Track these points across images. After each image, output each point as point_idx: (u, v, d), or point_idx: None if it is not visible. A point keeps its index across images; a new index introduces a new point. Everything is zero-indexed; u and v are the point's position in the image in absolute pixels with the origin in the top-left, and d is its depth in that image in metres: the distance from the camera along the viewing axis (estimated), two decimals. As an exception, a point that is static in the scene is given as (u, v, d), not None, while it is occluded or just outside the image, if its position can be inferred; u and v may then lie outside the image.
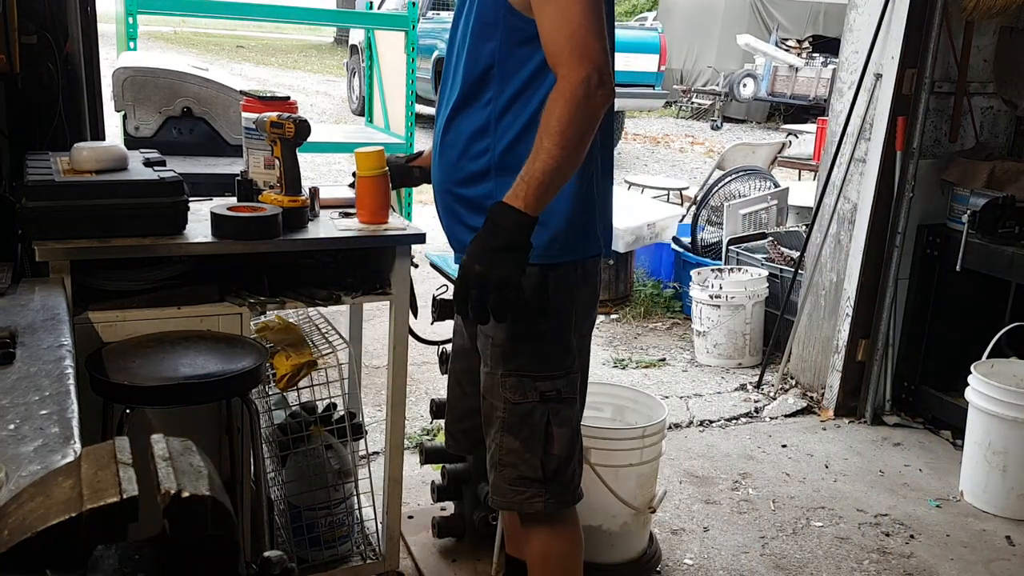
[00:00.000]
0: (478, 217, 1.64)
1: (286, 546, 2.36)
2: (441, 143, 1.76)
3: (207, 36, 20.86)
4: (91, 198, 1.87)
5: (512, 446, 1.76)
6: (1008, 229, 3.29)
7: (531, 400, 1.73)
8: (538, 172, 1.50)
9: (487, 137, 1.68)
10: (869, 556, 2.78)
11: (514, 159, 1.64)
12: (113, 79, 2.66)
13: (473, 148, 1.70)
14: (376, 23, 5.05)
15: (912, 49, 3.42)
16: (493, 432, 1.78)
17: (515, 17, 1.61)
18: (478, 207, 1.69)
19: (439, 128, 1.77)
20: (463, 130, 1.71)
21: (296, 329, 2.35)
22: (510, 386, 1.74)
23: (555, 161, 1.50)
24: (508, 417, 1.75)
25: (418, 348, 2.72)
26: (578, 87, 1.49)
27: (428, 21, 9.92)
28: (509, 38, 1.63)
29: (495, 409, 1.77)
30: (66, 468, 0.64)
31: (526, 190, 1.51)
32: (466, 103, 1.70)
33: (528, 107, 1.65)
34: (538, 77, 1.63)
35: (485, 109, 1.67)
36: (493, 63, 1.65)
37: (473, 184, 1.71)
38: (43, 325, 1.47)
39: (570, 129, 1.50)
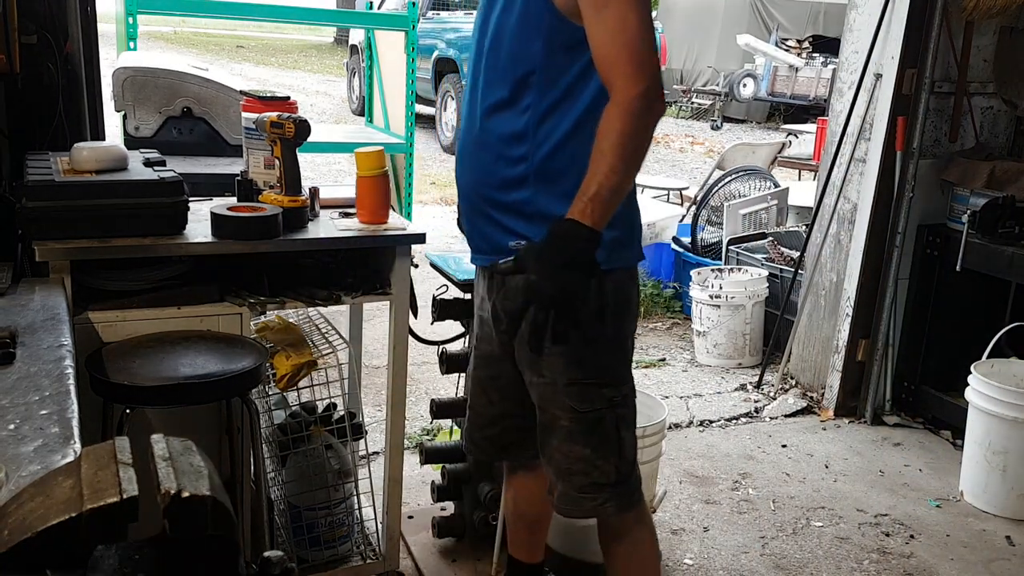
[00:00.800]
0: (516, 220, 1.65)
1: (286, 546, 2.36)
2: (474, 144, 1.71)
3: (207, 36, 20.85)
4: (91, 198, 1.87)
5: (581, 454, 1.73)
6: (1008, 229, 3.29)
7: (599, 408, 1.71)
8: (603, 187, 1.48)
9: (525, 143, 1.64)
10: (869, 556, 2.78)
11: (554, 167, 1.63)
12: (113, 79, 2.65)
13: (510, 153, 1.65)
14: (376, 23, 5.05)
15: (912, 49, 3.42)
16: (556, 442, 1.75)
17: (560, 22, 1.57)
18: (516, 211, 1.67)
19: (472, 128, 1.72)
20: (499, 133, 1.66)
21: (296, 329, 2.35)
22: (576, 395, 1.70)
23: (617, 176, 1.49)
24: (575, 426, 1.72)
25: (418, 348, 2.72)
26: (637, 100, 1.47)
27: (428, 21, 9.92)
28: (552, 42, 1.59)
29: (557, 419, 1.73)
30: (66, 468, 0.64)
31: (592, 206, 1.48)
32: (504, 106, 1.65)
33: (570, 114, 1.62)
34: (580, 84, 1.60)
35: (524, 114, 1.63)
36: (535, 67, 1.61)
37: (510, 189, 1.67)
38: (43, 325, 1.47)
39: (631, 143, 1.49)
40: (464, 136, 1.75)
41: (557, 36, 1.57)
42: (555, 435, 1.75)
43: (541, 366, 1.72)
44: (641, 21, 1.49)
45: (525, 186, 1.66)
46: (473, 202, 1.74)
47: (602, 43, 1.51)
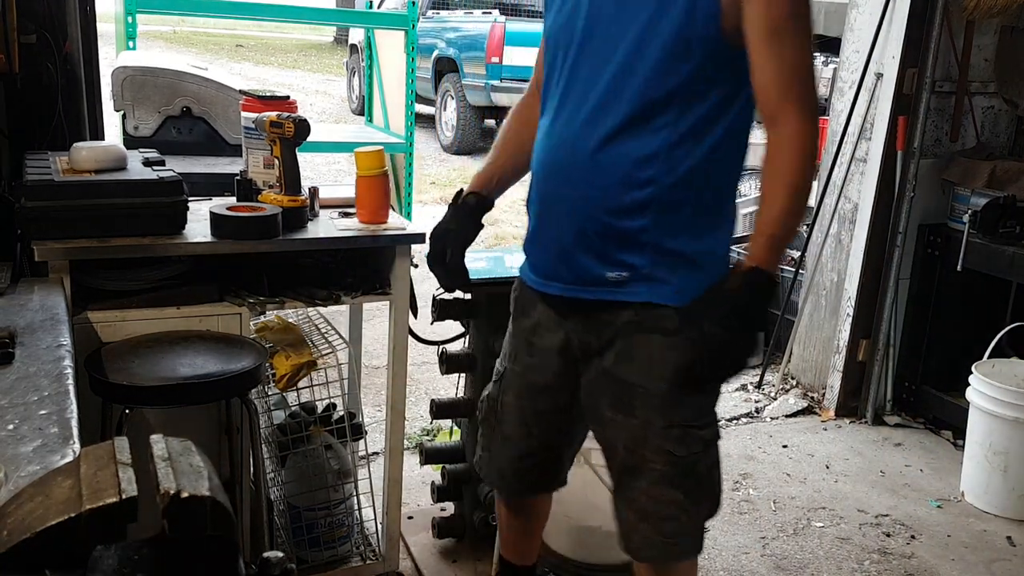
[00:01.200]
0: (624, 250, 1.52)
1: (286, 546, 2.36)
2: (582, 165, 1.52)
3: (206, 35, 20.85)
4: (90, 198, 1.87)
5: (674, 498, 1.61)
6: (1009, 229, 3.29)
7: (696, 451, 1.60)
8: (782, 231, 1.44)
9: (654, 166, 1.49)
10: (870, 556, 2.78)
11: (677, 196, 1.50)
12: (112, 78, 2.65)
13: (637, 176, 1.49)
14: (376, 22, 5.05)
15: (913, 48, 3.42)
16: (644, 484, 1.61)
17: (721, 46, 1.45)
18: (628, 240, 1.52)
19: (573, 147, 1.53)
20: (628, 154, 1.49)
21: (296, 329, 2.35)
22: (675, 438, 1.57)
23: (794, 218, 1.46)
24: (669, 470, 1.59)
25: (418, 348, 2.72)
26: (810, 139, 1.44)
27: (428, 20, 9.91)
28: (704, 66, 1.46)
29: (649, 461, 1.59)
30: (65, 468, 0.64)
31: (773, 253, 1.45)
32: (635, 123, 1.48)
33: (707, 140, 1.50)
34: (717, 113, 1.50)
35: (657, 135, 1.48)
36: (678, 89, 1.46)
37: (628, 216, 1.51)
38: (42, 325, 1.47)
39: (806, 183, 1.46)
40: (553, 155, 1.57)
41: (712, 60, 1.46)
42: (643, 478, 1.61)
43: (634, 405, 1.58)
44: (811, 55, 1.45)
45: (646, 213, 1.51)
46: (578, 225, 1.54)
47: (775, 74, 1.43)
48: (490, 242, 5.99)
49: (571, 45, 1.54)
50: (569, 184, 1.55)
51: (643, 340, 1.55)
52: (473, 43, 9.17)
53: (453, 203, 1.80)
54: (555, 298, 1.64)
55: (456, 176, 8.39)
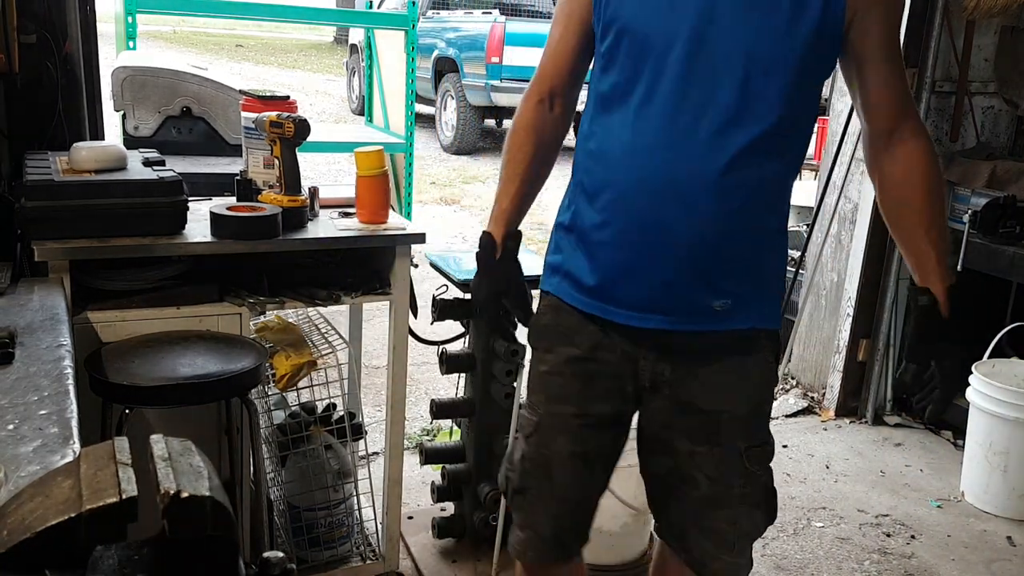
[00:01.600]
0: (735, 279, 1.43)
1: (285, 547, 2.36)
2: (717, 185, 1.36)
3: (206, 35, 20.86)
4: (90, 198, 1.87)
5: (756, 519, 1.59)
6: (1009, 229, 3.29)
7: (768, 466, 1.58)
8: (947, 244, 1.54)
9: (776, 188, 1.43)
10: (870, 556, 2.77)
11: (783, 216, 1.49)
12: (112, 78, 2.65)
13: (773, 202, 1.44)
14: (376, 22, 5.05)
15: (913, 48, 3.42)
16: (725, 512, 1.56)
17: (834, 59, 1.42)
18: (739, 268, 1.44)
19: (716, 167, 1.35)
20: (758, 177, 1.38)
21: (296, 329, 2.35)
22: (755, 458, 1.55)
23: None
24: (751, 491, 1.56)
25: (418, 348, 2.71)
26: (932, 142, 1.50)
27: (428, 20, 9.92)
28: (820, 82, 1.44)
29: (731, 488, 1.54)
30: (65, 468, 0.64)
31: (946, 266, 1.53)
32: (766, 142, 1.37)
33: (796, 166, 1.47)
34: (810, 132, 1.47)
35: (785, 157, 1.41)
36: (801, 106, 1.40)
37: (743, 241, 1.42)
38: (42, 325, 1.47)
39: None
40: (663, 175, 1.37)
41: (824, 76, 1.43)
42: (726, 505, 1.55)
43: (719, 433, 1.51)
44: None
45: (777, 238, 1.48)
46: (680, 256, 1.40)
47: (903, 87, 1.46)
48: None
49: (673, 45, 1.34)
50: (687, 208, 1.37)
51: (731, 365, 1.50)
52: (473, 43, 9.17)
53: (486, 253, 1.58)
54: (641, 331, 1.47)
55: (456, 176, 8.39)
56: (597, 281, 1.46)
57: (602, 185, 1.43)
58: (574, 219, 1.49)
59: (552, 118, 1.56)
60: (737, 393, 1.51)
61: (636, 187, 1.39)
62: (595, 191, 1.44)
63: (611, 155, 1.42)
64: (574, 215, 1.50)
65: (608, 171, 1.42)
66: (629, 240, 1.41)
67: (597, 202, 1.43)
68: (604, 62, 1.43)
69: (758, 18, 1.33)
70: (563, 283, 1.52)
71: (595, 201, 1.44)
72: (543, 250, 1.68)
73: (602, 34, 1.42)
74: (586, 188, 1.46)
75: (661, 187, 1.37)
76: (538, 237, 6.09)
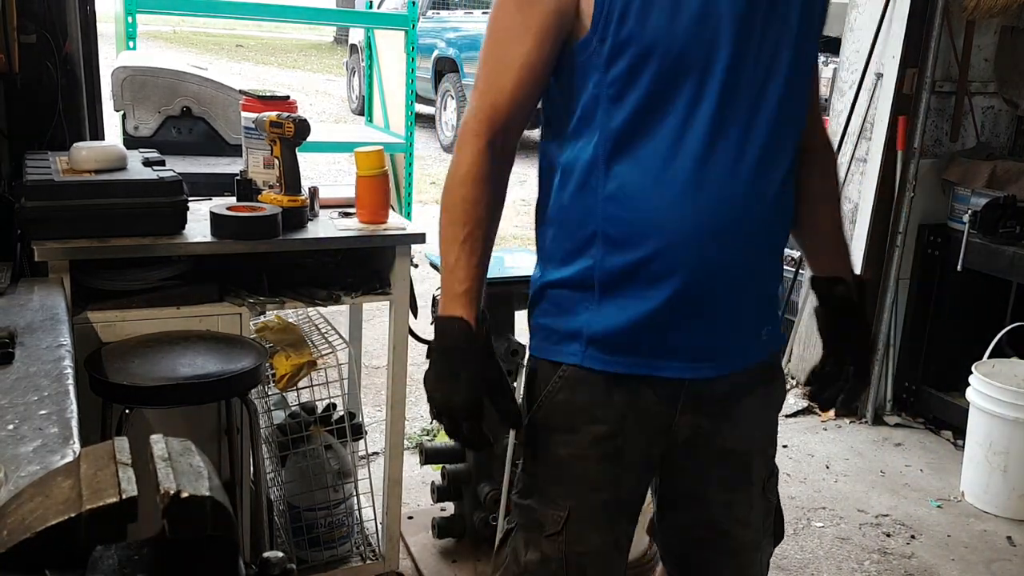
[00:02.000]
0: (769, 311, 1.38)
1: (285, 547, 2.36)
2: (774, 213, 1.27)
3: (206, 35, 20.86)
4: (90, 198, 1.87)
5: (770, 548, 1.50)
6: (1009, 229, 3.29)
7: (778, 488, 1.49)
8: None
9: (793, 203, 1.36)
10: (870, 556, 2.77)
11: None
12: (112, 78, 2.65)
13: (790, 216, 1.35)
14: (376, 22, 5.05)
15: (913, 48, 3.42)
16: (756, 555, 1.46)
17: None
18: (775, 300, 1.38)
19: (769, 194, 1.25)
20: (791, 196, 1.32)
21: (296, 329, 2.35)
22: (773, 487, 1.46)
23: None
24: (769, 520, 1.47)
25: (418, 348, 2.70)
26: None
27: (428, 20, 9.92)
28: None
29: (760, 528, 1.44)
30: (65, 468, 0.64)
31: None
32: (796, 160, 1.31)
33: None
34: None
35: (792, 175, 1.32)
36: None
37: (780, 273, 1.38)
38: (42, 325, 1.47)
39: None
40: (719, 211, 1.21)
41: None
42: (757, 547, 1.45)
43: (751, 473, 1.41)
44: None
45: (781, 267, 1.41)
46: (745, 294, 1.29)
47: (816, 97, 1.42)
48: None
49: (713, 64, 1.18)
50: (746, 242, 1.24)
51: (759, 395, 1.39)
52: (473, 43, 9.17)
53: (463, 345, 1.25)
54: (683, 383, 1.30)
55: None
56: (636, 336, 1.26)
57: (639, 230, 1.22)
58: (593, 273, 1.26)
59: (503, 164, 1.29)
60: (764, 424, 1.42)
61: (688, 226, 1.20)
62: (627, 238, 1.23)
63: (646, 195, 1.21)
64: (591, 269, 1.26)
65: (645, 213, 1.21)
66: (682, 284, 1.23)
67: (633, 249, 1.22)
68: (616, 89, 1.20)
69: (776, 31, 1.22)
70: (587, 348, 1.29)
71: (629, 248, 1.23)
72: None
73: (610, 56, 1.18)
74: (612, 236, 1.24)
75: (717, 223, 1.21)
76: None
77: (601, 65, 1.20)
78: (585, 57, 1.21)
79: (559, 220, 1.30)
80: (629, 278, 1.24)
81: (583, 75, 1.22)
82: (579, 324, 1.29)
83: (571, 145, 1.26)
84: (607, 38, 1.18)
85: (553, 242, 1.32)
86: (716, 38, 1.17)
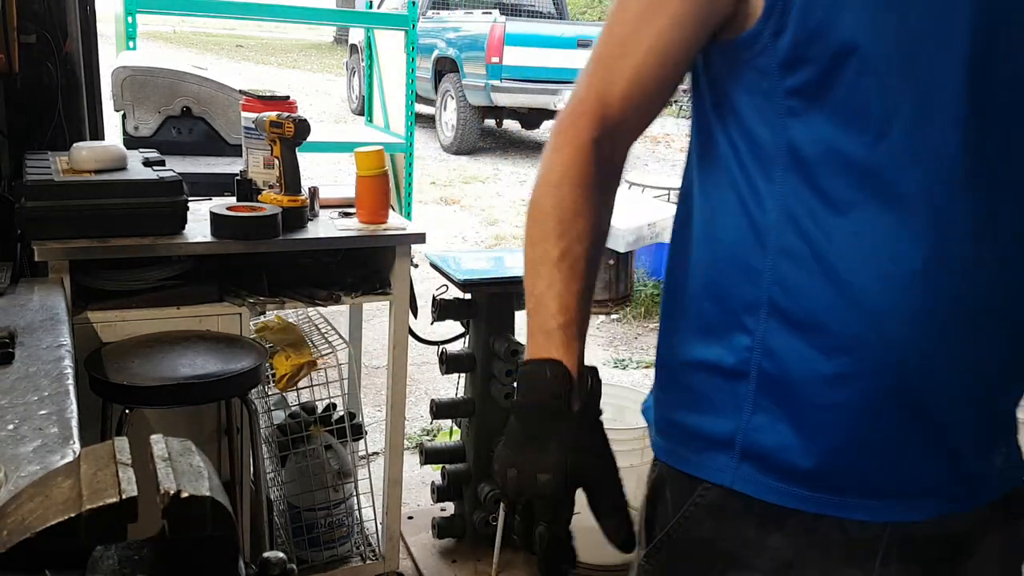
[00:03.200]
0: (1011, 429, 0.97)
1: (285, 547, 2.36)
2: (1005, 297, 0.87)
3: (206, 35, 20.87)
4: (90, 198, 1.87)
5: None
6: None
7: None
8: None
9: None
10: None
11: None
12: (112, 78, 2.65)
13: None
14: (376, 22, 5.05)
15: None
16: None
17: None
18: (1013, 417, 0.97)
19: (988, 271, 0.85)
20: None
21: (296, 329, 2.35)
22: None
23: None
24: None
25: (418, 348, 2.72)
26: None
27: (428, 20, 9.92)
28: None
29: None
30: (65, 468, 0.64)
31: None
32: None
33: None
34: None
35: None
36: None
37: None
38: (42, 325, 1.47)
39: None
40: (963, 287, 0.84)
41: None
42: None
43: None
44: None
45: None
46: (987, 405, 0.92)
47: None
48: (490, 242, 5.99)
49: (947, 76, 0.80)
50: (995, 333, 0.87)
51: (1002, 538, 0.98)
52: (473, 43, 9.18)
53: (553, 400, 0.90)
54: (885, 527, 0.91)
55: (456, 176, 8.39)
56: (817, 457, 0.89)
57: (827, 304, 0.86)
58: (751, 356, 0.91)
59: (609, 176, 0.96)
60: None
61: (921, 315, 0.84)
62: (809, 314, 0.87)
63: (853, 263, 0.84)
64: (749, 351, 0.91)
65: (849, 289, 0.84)
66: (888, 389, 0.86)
67: (816, 332, 0.87)
68: (802, 101, 0.84)
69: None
70: (741, 465, 0.92)
71: (811, 330, 0.87)
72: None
73: (793, 52, 0.83)
74: (785, 309, 0.88)
75: (953, 304, 0.84)
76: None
77: (774, 69, 0.85)
78: (751, 56, 0.86)
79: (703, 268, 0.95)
80: (808, 372, 0.87)
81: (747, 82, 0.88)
82: (730, 428, 0.93)
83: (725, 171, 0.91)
84: (785, 28, 0.83)
85: (694, 300, 0.96)
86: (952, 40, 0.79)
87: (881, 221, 0.83)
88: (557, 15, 10.87)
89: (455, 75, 9.53)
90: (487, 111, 9.49)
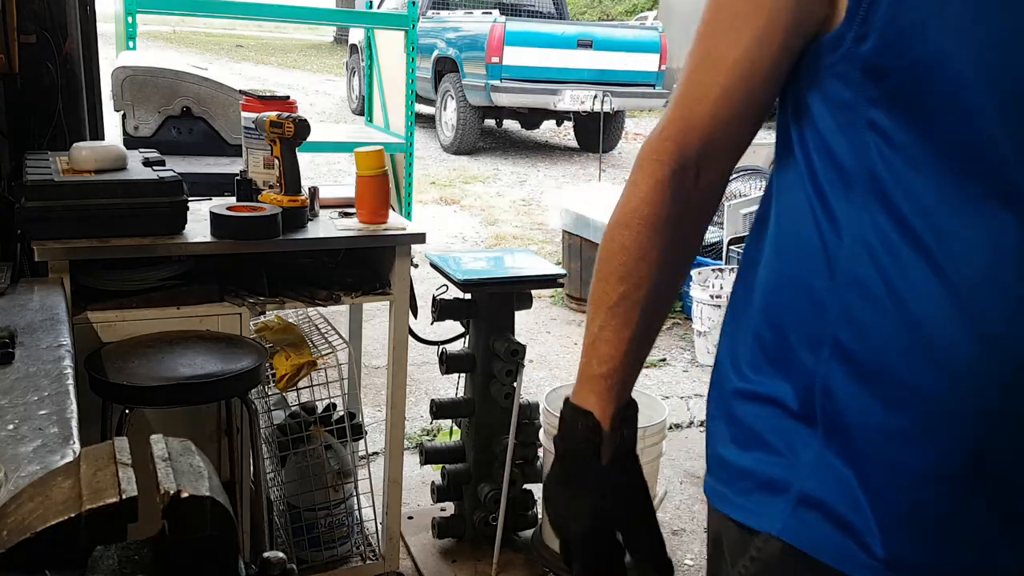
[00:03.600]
0: None
1: (285, 547, 2.36)
2: None
3: (206, 35, 20.88)
4: (90, 198, 1.87)
5: None
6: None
7: None
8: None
9: None
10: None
11: None
12: (112, 78, 2.65)
13: None
14: (376, 22, 5.05)
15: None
16: None
17: None
18: None
19: None
20: None
21: (296, 329, 2.35)
22: None
23: None
24: None
25: (418, 348, 2.72)
26: None
27: (428, 20, 9.92)
28: None
29: None
30: (65, 468, 0.64)
31: None
32: None
33: None
34: None
35: None
36: None
37: None
38: (42, 325, 1.47)
39: None
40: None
41: None
42: None
43: None
44: None
45: None
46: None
47: None
48: (490, 242, 5.99)
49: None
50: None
51: None
52: (473, 43, 9.18)
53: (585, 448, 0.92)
54: None
55: (456, 176, 8.39)
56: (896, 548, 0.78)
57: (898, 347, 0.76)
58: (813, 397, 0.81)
59: (692, 207, 0.89)
60: None
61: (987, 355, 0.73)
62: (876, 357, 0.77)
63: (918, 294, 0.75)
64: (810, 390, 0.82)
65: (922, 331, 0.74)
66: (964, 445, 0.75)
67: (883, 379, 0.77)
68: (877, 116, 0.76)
69: None
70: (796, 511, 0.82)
71: (876, 375, 0.77)
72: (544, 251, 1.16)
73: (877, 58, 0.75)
74: (850, 350, 0.78)
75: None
76: (537, 237, 6.09)
77: (855, 76, 0.76)
78: (834, 60, 0.78)
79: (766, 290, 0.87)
80: (872, 420, 0.77)
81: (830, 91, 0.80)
82: (786, 471, 0.83)
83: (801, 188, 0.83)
84: (870, 32, 0.74)
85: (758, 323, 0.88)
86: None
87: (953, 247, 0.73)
88: (557, 15, 10.87)
89: (455, 75, 9.53)
90: (487, 111, 9.49)
